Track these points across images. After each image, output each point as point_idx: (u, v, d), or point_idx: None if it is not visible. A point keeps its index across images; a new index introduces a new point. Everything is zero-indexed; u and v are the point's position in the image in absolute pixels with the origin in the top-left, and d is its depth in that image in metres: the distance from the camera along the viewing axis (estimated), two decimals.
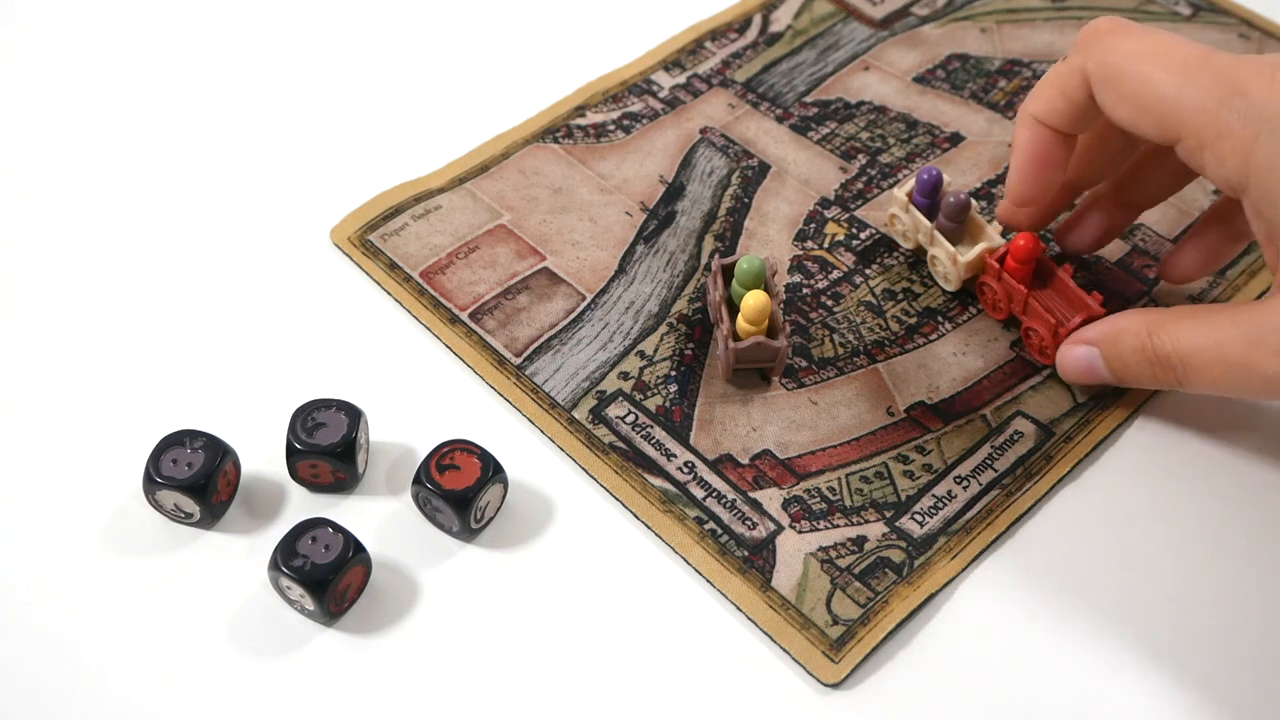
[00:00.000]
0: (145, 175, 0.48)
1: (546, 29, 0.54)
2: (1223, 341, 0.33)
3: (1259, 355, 0.32)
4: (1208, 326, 0.34)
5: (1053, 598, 0.37)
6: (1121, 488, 0.39)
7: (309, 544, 0.35)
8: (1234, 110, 0.32)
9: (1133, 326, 0.36)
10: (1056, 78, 0.36)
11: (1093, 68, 0.34)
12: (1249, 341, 0.32)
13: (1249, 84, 0.32)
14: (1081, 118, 0.36)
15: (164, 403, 0.41)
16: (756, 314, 0.39)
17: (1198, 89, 0.32)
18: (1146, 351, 0.35)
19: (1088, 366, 0.37)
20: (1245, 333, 0.33)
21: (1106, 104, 0.34)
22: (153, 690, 0.35)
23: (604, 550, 0.38)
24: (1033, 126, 0.37)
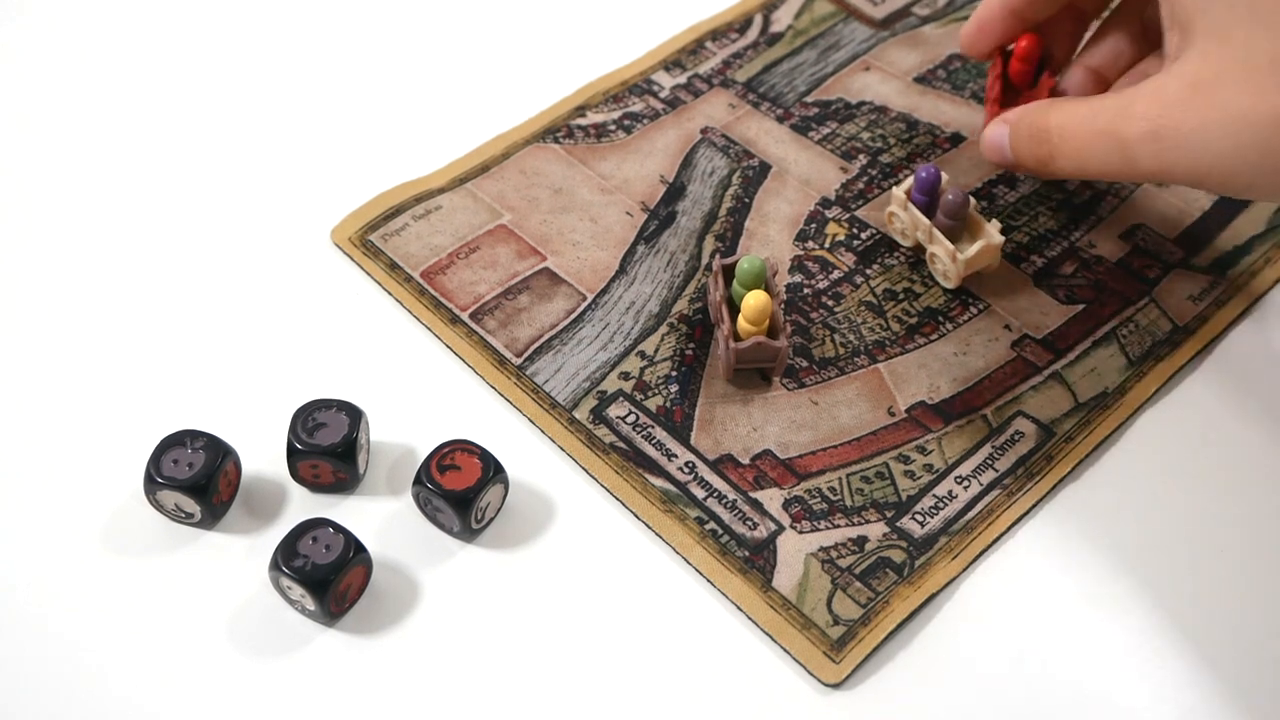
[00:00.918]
0: (146, 176, 0.48)
1: (547, 29, 0.54)
2: (1096, 111, 0.34)
3: (1123, 120, 0.34)
4: (1092, 101, 0.35)
5: (1053, 598, 0.37)
6: (1122, 488, 0.39)
7: (310, 544, 0.35)
8: None
9: (1035, 105, 0.37)
10: None
11: None
12: (1118, 109, 0.34)
13: None
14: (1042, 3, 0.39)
15: (165, 403, 0.41)
16: (757, 314, 0.39)
17: None
18: (1032, 126, 0.36)
19: (999, 144, 0.39)
20: (1120, 101, 0.34)
21: None
22: (153, 690, 0.35)
23: (605, 550, 0.38)
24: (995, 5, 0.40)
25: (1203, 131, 0.32)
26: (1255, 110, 0.31)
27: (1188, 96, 0.33)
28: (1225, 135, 0.32)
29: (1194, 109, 0.32)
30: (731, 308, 0.41)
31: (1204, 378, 0.42)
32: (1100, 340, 0.43)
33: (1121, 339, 0.43)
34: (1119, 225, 0.46)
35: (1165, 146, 0.33)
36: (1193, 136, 0.33)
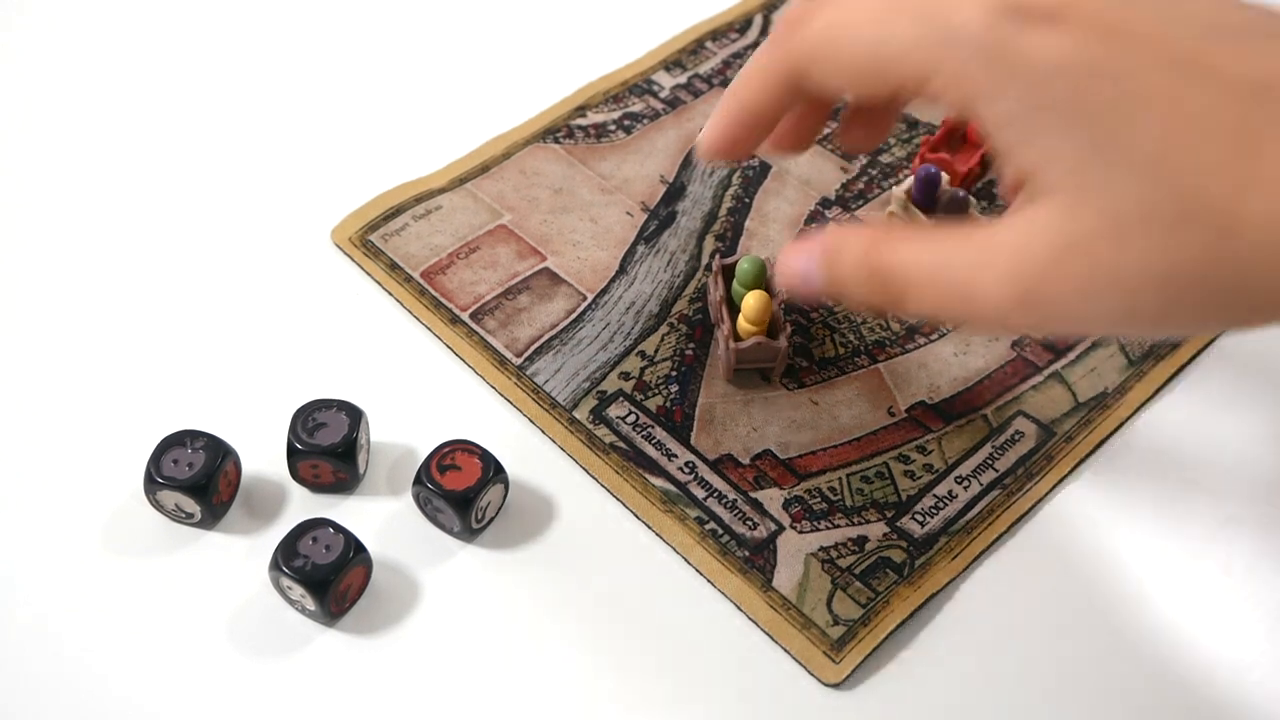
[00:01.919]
0: (147, 176, 0.48)
1: (547, 29, 0.54)
2: (948, 261, 0.31)
3: (984, 278, 0.31)
4: (936, 245, 0.32)
5: (1054, 598, 0.37)
6: (1122, 488, 0.39)
7: (310, 544, 0.35)
8: (936, 43, 0.31)
9: (857, 236, 0.34)
10: (760, 71, 0.35)
11: (796, 58, 0.34)
12: (973, 264, 0.31)
13: (942, 14, 0.31)
14: (786, 104, 0.35)
15: (165, 403, 0.41)
16: (758, 314, 0.39)
17: (898, 35, 0.32)
18: (868, 263, 0.33)
19: (803, 276, 0.34)
20: (973, 252, 0.31)
21: (819, 82, 0.34)
22: (153, 690, 0.35)
23: (605, 550, 0.38)
24: (735, 111, 0.36)
25: (1079, 296, 0.30)
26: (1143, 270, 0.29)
27: (1059, 258, 0.30)
28: (1114, 296, 0.30)
29: (1069, 273, 0.30)
30: (731, 308, 0.41)
31: (1204, 377, 0.42)
32: (1100, 340, 0.43)
33: (1121, 338, 0.43)
34: None
35: (1035, 311, 0.30)
36: (1067, 302, 0.30)
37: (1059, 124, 0.30)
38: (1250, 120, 0.28)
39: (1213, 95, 0.28)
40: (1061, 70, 0.29)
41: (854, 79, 0.33)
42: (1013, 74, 0.30)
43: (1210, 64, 0.29)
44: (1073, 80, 0.29)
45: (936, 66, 0.31)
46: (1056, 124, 0.30)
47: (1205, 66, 0.29)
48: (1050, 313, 0.30)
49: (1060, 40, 0.30)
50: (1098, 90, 0.29)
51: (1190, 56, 0.29)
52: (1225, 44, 0.29)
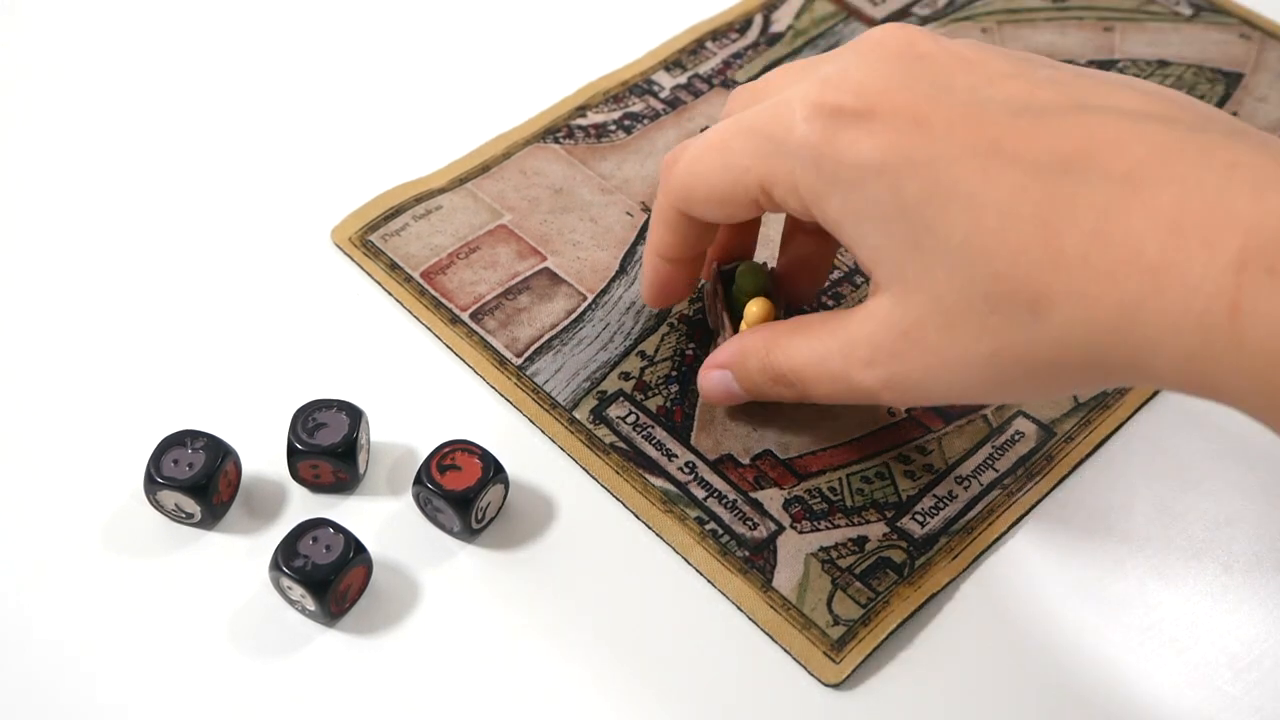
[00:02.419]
0: (146, 176, 0.48)
1: (547, 29, 0.54)
2: (825, 355, 0.34)
3: (853, 368, 0.33)
4: (814, 340, 0.34)
5: (1054, 598, 0.37)
6: (1122, 488, 0.39)
7: (310, 544, 0.35)
8: (768, 155, 0.33)
9: (754, 346, 0.36)
10: (658, 218, 0.38)
11: (674, 199, 0.36)
12: (843, 355, 0.33)
13: (768, 126, 0.33)
14: (696, 240, 0.38)
15: (165, 403, 0.41)
16: (763, 321, 0.39)
17: (739, 155, 0.34)
18: (768, 370, 0.35)
19: (725, 389, 0.38)
20: (840, 345, 0.33)
21: (702, 216, 0.36)
22: (153, 690, 0.35)
23: (605, 550, 0.38)
24: (658, 264, 0.39)
25: (932, 377, 0.32)
26: (970, 352, 0.30)
27: (901, 346, 0.32)
28: (954, 376, 0.31)
29: (912, 358, 0.31)
30: (732, 314, 0.40)
31: None
32: None
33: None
34: None
35: (905, 392, 0.33)
36: (925, 382, 0.32)
37: (880, 223, 0.31)
38: (1052, 200, 0.28)
39: (1017, 178, 0.29)
40: (875, 169, 0.31)
41: (718, 205, 0.35)
42: (835, 178, 0.31)
43: (1015, 147, 0.29)
44: (887, 178, 0.30)
45: (773, 178, 0.33)
46: (878, 223, 0.31)
47: (1011, 149, 0.29)
48: (912, 392, 0.32)
49: (872, 139, 0.31)
50: (909, 185, 0.30)
51: (996, 141, 0.29)
52: (1027, 123, 0.30)
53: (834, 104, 0.31)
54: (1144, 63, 0.52)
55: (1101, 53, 0.53)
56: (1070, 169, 0.28)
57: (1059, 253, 0.28)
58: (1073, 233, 0.28)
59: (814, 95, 0.32)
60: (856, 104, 0.31)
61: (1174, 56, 0.53)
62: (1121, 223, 0.27)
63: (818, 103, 0.32)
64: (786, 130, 0.32)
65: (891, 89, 0.31)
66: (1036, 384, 0.31)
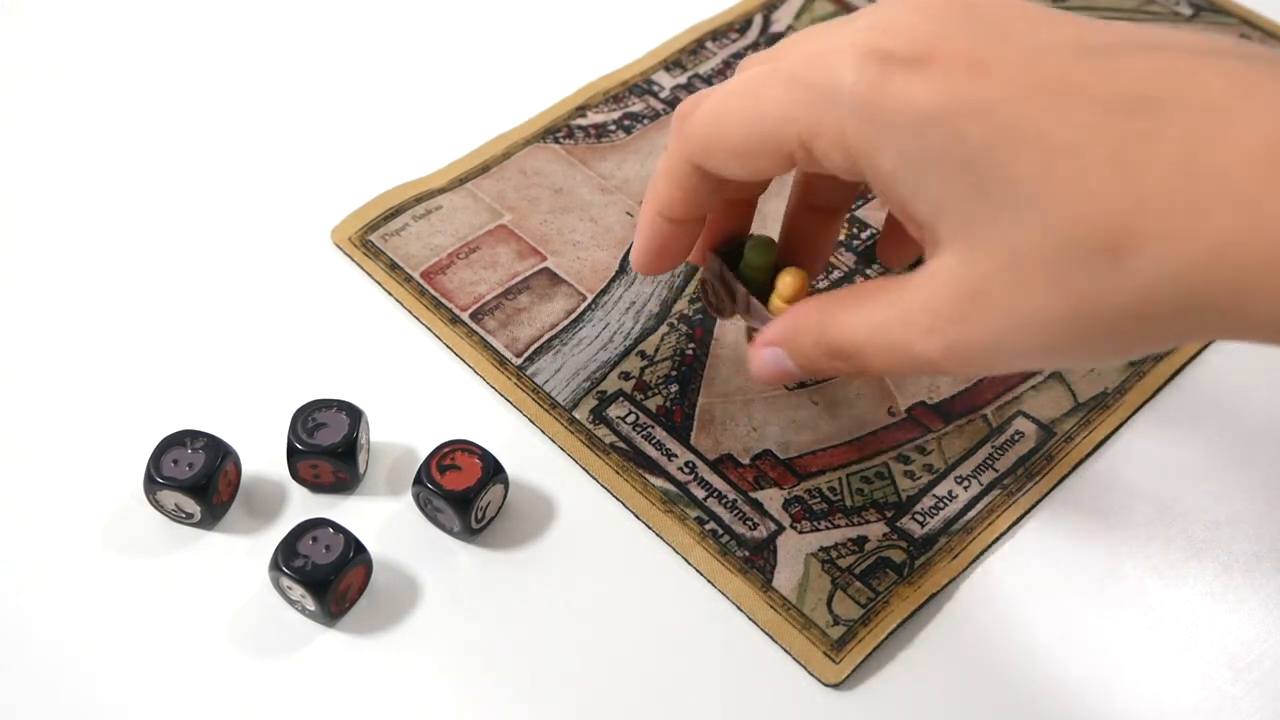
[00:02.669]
0: (146, 176, 0.48)
1: (546, 29, 0.54)
2: (883, 325, 0.31)
3: (913, 336, 0.30)
4: (871, 309, 0.32)
5: (1054, 598, 0.37)
6: (1122, 488, 0.39)
7: (310, 544, 0.35)
8: (812, 104, 0.30)
9: (808, 319, 0.33)
10: (666, 172, 0.35)
11: (690, 150, 0.34)
12: (902, 323, 0.31)
13: (812, 74, 0.30)
14: (704, 199, 0.35)
15: (165, 403, 0.41)
16: (798, 293, 0.36)
17: (776, 104, 0.31)
18: (823, 345, 0.33)
19: (778, 367, 0.35)
20: (899, 313, 0.31)
21: (720, 170, 0.33)
22: (153, 691, 0.35)
23: (605, 550, 0.38)
24: (658, 223, 0.36)
25: (1000, 341, 0.29)
26: (1045, 309, 0.28)
27: (966, 309, 0.29)
28: (1025, 338, 0.29)
29: (979, 322, 0.29)
30: (754, 289, 0.37)
31: (1204, 377, 0.42)
32: None
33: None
34: None
35: (968, 360, 0.30)
36: (992, 347, 0.29)
37: (941, 173, 0.29)
38: (1130, 137, 0.27)
39: (1086, 118, 0.27)
40: (934, 116, 0.28)
41: (744, 159, 0.33)
42: (889, 127, 0.29)
43: (1080, 85, 0.28)
44: (947, 125, 0.28)
45: (816, 129, 0.30)
46: (939, 173, 0.29)
47: (1075, 88, 0.28)
48: (975, 360, 0.30)
49: (929, 84, 0.28)
50: (972, 130, 0.28)
51: (1059, 81, 0.28)
52: (1093, 62, 0.28)
53: (886, 49, 0.29)
54: None
55: None
56: (1146, 104, 0.27)
57: (1141, 191, 0.26)
58: (1155, 169, 0.26)
59: (863, 41, 0.29)
60: (910, 49, 0.29)
61: None
62: (1208, 155, 0.25)
63: (869, 49, 0.29)
64: (834, 78, 0.29)
65: (946, 34, 0.29)
66: (1118, 341, 0.28)
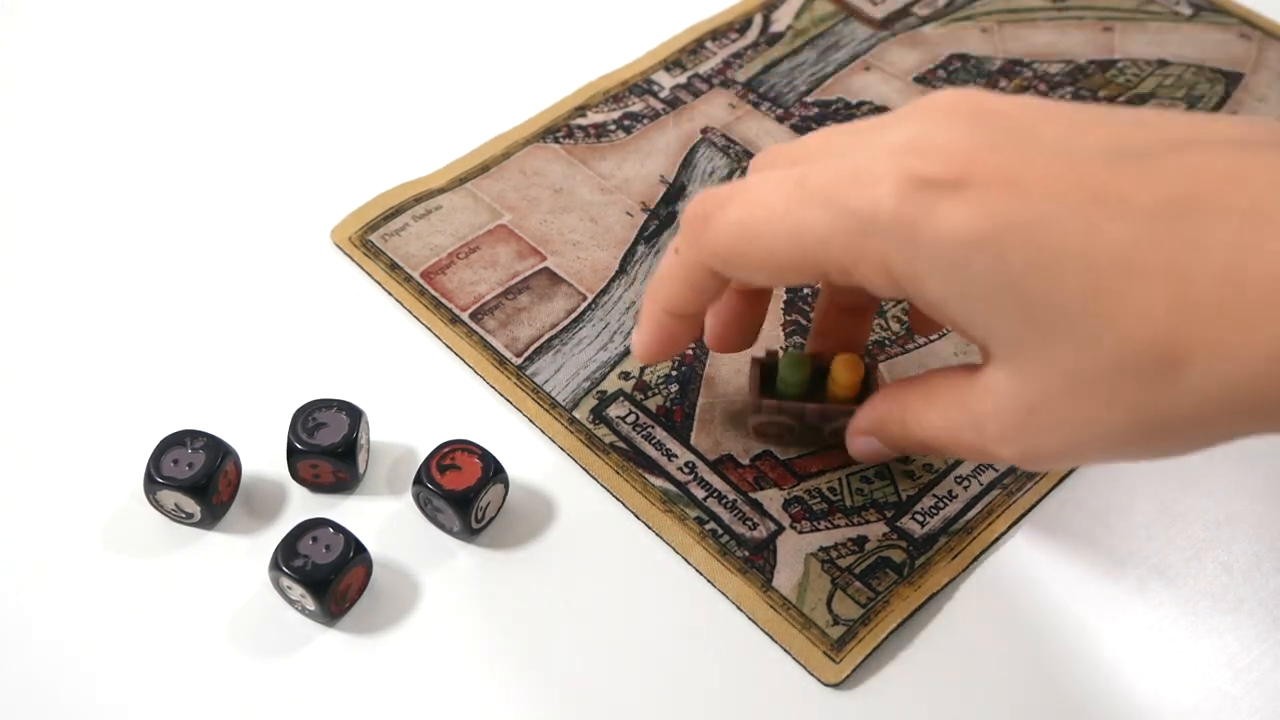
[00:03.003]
0: (145, 176, 0.48)
1: (546, 29, 0.54)
2: (958, 429, 0.32)
3: (987, 443, 0.31)
4: (944, 412, 0.32)
5: (1054, 598, 0.37)
6: (1122, 488, 0.39)
7: (310, 544, 0.35)
8: (852, 232, 0.30)
9: (891, 415, 0.34)
10: (678, 273, 0.34)
11: (708, 257, 0.33)
12: (974, 430, 0.31)
13: (850, 199, 0.30)
14: (711, 297, 0.35)
15: (165, 403, 0.41)
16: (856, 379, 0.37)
17: (811, 226, 0.30)
18: (909, 438, 0.34)
19: (875, 452, 0.36)
20: (969, 419, 0.31)
21: (744, 279, 0.33)
22: (153, 690, 0.35)
23: (605, 550, 0.38)
24: (662, 318, 0.36)
25: (1069, 447, 0.30)
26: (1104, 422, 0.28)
27: (1028, 421, 0.30)
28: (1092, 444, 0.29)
29: (1043, 432, 0.30)
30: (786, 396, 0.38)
31: None
32: None
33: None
34: None
35: (1045, 462, 0.31)
36: (1062, 453, 0.30)
37: (988, 300, 0.29)
38: (1173, 247, 0.26)
39: (1127, 230, 0.27)
40: (977, 242, 0.28)
41: (775, 274, 0.32)
42: (934, 256, 0.29)
43: (1119, 195, 0.27)
44: (989, 250, 0.28)
45: (857, 256, 0.30)
46: (986, 301, 0.29)
47: (1114, 199, 0.27)
48: (1049, 462, 0.31)
49: (969, 209, 0.28)
50: (1015, 254, 0.28)
51: (1099, 192, 0.27)
52: (1129, 168, 0.28)
53: (925, 174, 0.29)
54: (1144, 62, 0.52)
55: (1101, 52, 0.53)
56: (1186, 211, 0.26)
57: (1190, 305, 0.26)
58: (1202, 281, 0.26)
59: (901, 166, 0.29)
60: (947, 172, 0.28)
61: (1174, 56, 0.53)
62: (1255, 264, 0.25)
63: (907, 174, 0.29)
64: (873, 205, 0.29)
65: (980, 151, 0.29)
66: (1184, 443, 0.29)
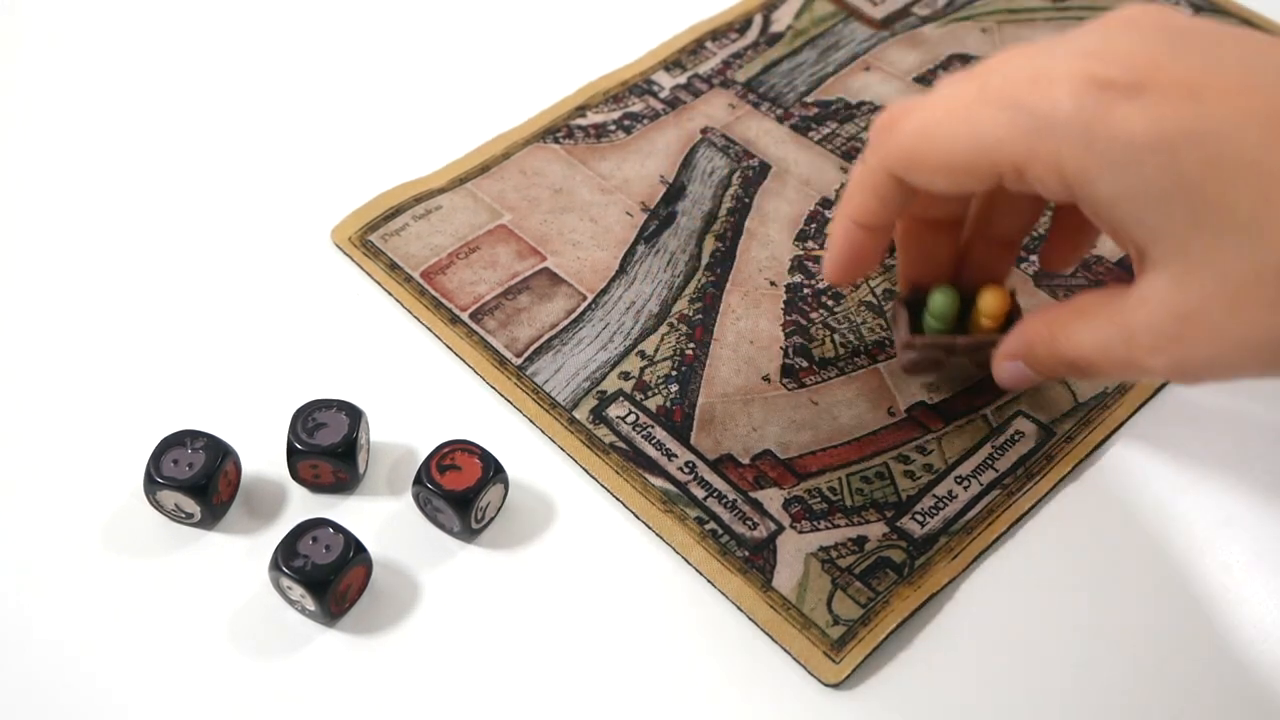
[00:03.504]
0: (146, 176, 0.48)
1: (546, 29, 0.54)
2: (1108, 343, 0.33)
3: (1137, 355, 0.32)
4: (1095, 327, 0.33)
5: (1053, 598, 0.37)
6: (1122, 488, 0.39)
7: (310, 544, 0.35)
8: (1028, 130, 0.31)
9: (1039, 334, 0.35)
10: (864, 181, 0.36)
11: (892, 162, 0.34)
12: (1126, 343, 0.32)
13: (1028, 99, 0.31)
14: (899, 207, 0.36)
15: (165, 403, 0.41)
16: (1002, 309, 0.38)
17: (990, 126, 0.32)
18: (1056, 357, 0.35)
19: (1020, 376, 0.37)
20: (1121, 333, 0.32)
21: (922, 184, 0.34)
22: (153, 691, 0.35)
23: (605, 550, 0.38)
24: (850, 229, 0.37)
25: (1219, 359, 0.30)
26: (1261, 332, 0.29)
27: (1184, 330, 0.30)
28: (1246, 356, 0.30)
29: (1197, 342, 0.30)
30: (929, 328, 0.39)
31: None
32: None
33: None
34: None
35: (1195, 375, 0.32)
36: (1214, 364, 0.31)
37: (1158, 200, 0.30)
38: None
39: None
40: (1152, 144, 0.29)
41: (952, 176, 0.33)
42: (1107, 156, 0.30)
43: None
44: (1164, 153, 0.29)
45: (1031, 155, 0.31)
46: (1156, 201, 0.30)
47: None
48: (1199, 374, 0.31)
49: (1147, 112, 0.29)
50: (1188, 159, 0.29)
51: (1275, 107, 0.28)
52: None
53: (1105, 77, 0.30)
54: None
55: None
56: None
57: None
58: None
59: (1082, 68, 0.30)
60: (1127, 77, 0.29)
61: None
62: None
63: (1088, 77, 0.30)
64: (1052, 105, 0.30)
65: (1160, 60, 0.30)
66: None
